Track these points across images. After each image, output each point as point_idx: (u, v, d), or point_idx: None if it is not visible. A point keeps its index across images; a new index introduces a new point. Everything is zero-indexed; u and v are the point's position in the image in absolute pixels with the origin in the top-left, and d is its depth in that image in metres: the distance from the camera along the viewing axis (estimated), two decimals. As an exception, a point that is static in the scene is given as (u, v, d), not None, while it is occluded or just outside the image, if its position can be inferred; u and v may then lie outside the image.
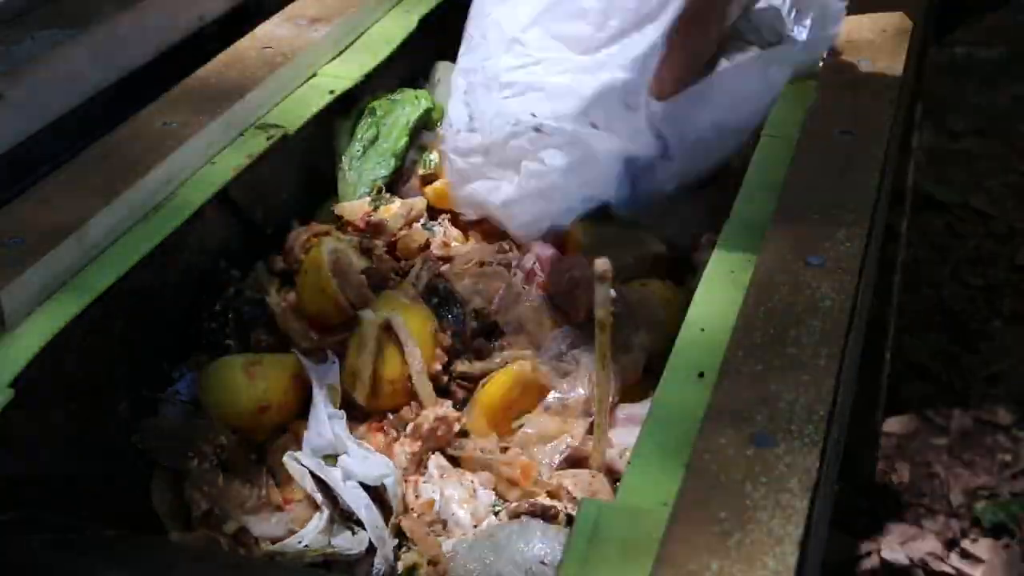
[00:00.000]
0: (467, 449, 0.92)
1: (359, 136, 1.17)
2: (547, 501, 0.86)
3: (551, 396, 0.93)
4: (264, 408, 0.92)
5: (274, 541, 0.86)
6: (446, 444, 0.92)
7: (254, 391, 0.93)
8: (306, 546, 0.85)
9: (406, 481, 0.90)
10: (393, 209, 1.12)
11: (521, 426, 0.93)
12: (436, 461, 0.91)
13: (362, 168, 1.16)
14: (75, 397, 0.86)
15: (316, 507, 0.87)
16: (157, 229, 0.93)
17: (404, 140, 1.18)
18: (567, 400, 0.93)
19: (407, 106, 1.20)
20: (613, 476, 0.88)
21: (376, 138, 1.17)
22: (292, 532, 0.87)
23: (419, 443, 0.91)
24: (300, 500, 0.89)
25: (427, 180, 1.18)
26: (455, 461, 0.92)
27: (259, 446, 0.94)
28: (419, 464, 0.91)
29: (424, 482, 0.90)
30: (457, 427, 0.93)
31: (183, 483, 0.91)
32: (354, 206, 1.13)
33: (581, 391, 0.93)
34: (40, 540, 0.73)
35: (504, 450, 0.92)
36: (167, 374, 0.97)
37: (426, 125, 1.21)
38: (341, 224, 1.12)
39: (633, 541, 0.62)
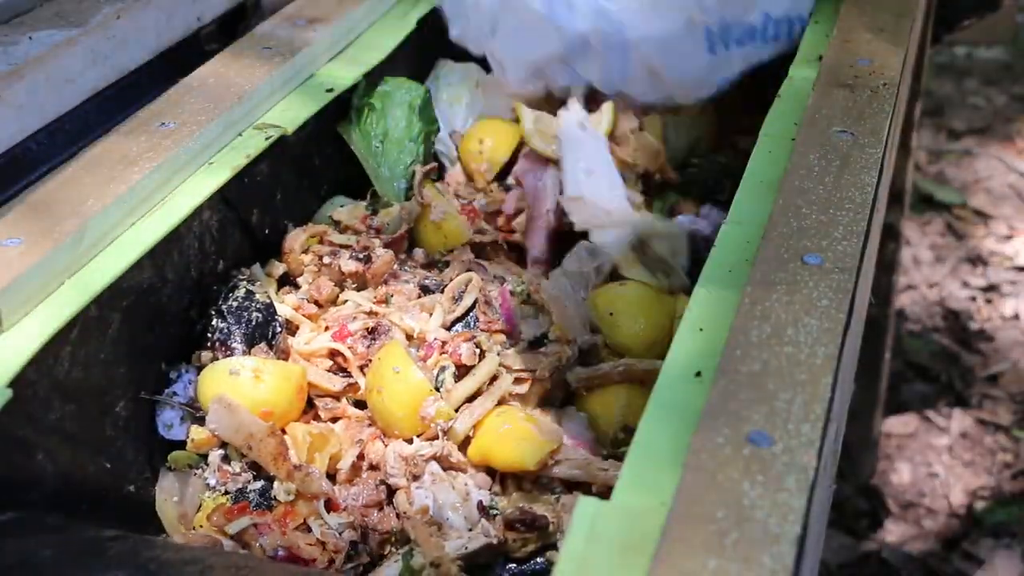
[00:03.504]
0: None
1: (372, 133, 1.18)
2: (540, 510, 0.86)
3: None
4: (267, 415, 0.92)
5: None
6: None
7: (259, 397, 0.93)
8: None
9: (399, 488, 0.91)
10: (392, 212, 1.13)
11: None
12: (429, 467, 0.91)
13: (388, 162, 1.17)
14: (73, 397, 0.86)
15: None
16: (154, 229, 0.93)
17: (417, 124, 1.19)
18: None
19: (400, 92, 1.20)
20: None
21: (387, 132, 1.18)
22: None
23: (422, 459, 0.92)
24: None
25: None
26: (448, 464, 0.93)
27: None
28: (413, 468, 0.91)
29: (417, 488, 0.90)
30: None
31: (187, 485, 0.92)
32: (352, 210, 1.13)
33: None
34: (40, 540, 0.73)
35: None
36: (164, 375, 0.97)
37: (424, 110, 1.21)
38: (340, 227, 1.12)
39: (630, 540, 0.62)
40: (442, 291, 1.05)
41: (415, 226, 1.15)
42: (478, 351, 0.97)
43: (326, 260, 1.06)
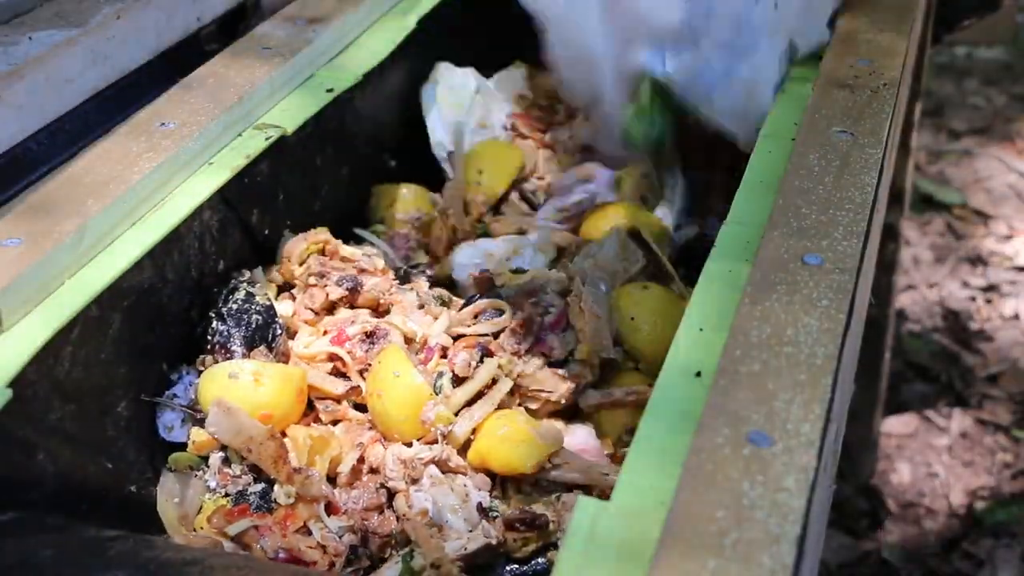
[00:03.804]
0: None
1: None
2: (540, 509, 0.86)
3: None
4: (266, 418, 0.92)
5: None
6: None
7: (258, 400, 0.93)
8: None
9: (398, 492, 0.91)
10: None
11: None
12: (428, 470, 0.91)
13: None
14: (73, 397, 0.86)
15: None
16: (154, 229, 0.93)
17: None
18: None
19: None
20: None
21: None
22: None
23: (422, 461, 0.92)
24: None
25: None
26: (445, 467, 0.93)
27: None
28: (411, 472, 0.91)
29: (416, 491, 0.90)
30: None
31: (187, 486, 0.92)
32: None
33: None
34: (40, 540, 0.73)
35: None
36: (165, 375, 0.97)
37: None
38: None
39: (630, 540, 0.62)
40: (443, 304, 1.05)
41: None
42: (474, 362, 0.96)
43: (312, 281, 1.05)
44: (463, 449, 0.94)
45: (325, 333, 1.01)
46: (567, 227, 1.20)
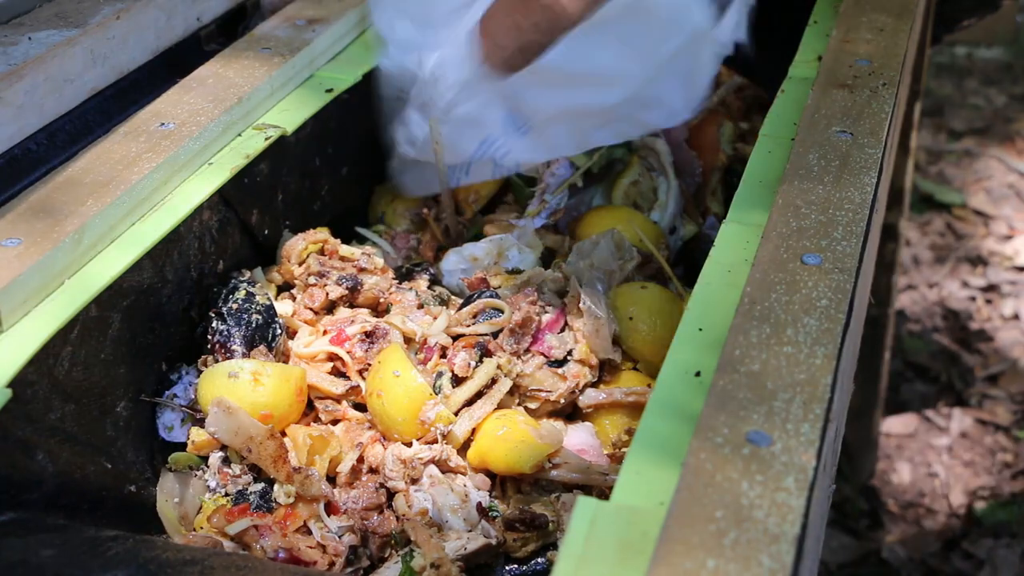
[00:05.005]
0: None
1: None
2: (540, 509, 0.86)
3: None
4: (266, 418, 0.92)
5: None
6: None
7: (258, 399, 0.93)
8: None
9: (398, 491, 0.91)
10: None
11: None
12: (428, 470, 0.91)
13: None
14: (73, 397, 0.86)
15: None
16: (154, 229, 0.93)
17: None
18: None
19: None
20: None
21: None
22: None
23: (421, 460, 0.92)
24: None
25: None
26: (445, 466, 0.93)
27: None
28: (411, 472, 0.91)
29: (416, 491, 0.89)
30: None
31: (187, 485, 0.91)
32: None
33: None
34: (40, 540, 0.73)
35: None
36: (165, 375, 0.97)
37: None
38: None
39: (629, 540, 0.62)
40: (442, 303, 1.05)
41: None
42: (473, 362, 0.96)
43: (312, 280, 1.06)
44: (463, 449, 0.94)
45: (325, 333, 1.01)
46: (552, 220, 1.20)
